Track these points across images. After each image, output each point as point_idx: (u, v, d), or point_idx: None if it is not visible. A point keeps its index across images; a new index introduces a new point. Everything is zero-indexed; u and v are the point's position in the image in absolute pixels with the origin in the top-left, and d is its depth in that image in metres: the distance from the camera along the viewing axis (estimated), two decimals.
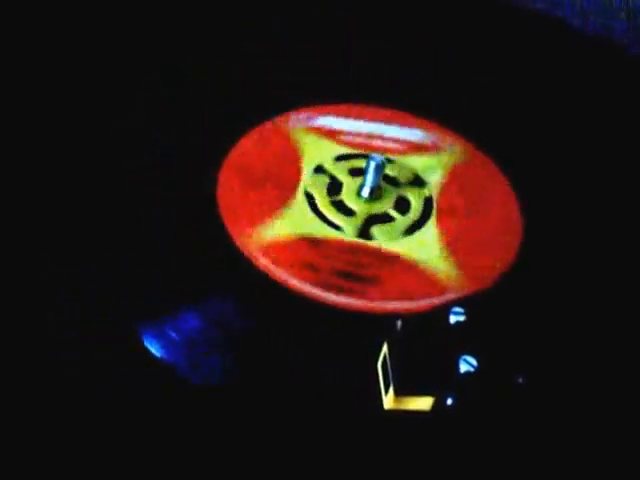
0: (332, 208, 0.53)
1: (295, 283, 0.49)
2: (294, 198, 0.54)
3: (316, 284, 0.49)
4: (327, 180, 0.55)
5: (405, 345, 0.42)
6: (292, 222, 0.52)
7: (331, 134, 0.58)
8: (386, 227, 0.53)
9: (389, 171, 0.56)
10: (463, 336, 0.43)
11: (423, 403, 0.42)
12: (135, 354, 0.45)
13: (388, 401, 0.43)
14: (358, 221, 0.53)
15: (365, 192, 0.54)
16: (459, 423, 0.43)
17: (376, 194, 0.54)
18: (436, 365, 0.42)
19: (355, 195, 0.54)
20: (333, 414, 0.43)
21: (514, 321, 0.45)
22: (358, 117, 0.59)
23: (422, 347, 0.43)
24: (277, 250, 0.50)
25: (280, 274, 0.49)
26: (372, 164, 0.54)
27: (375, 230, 0.53)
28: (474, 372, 0.42)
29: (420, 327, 0.43)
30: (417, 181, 0.56)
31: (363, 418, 0.43)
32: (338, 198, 0.54)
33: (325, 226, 0.52)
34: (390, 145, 0.58)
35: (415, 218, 0.54)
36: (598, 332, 0.49)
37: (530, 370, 0.43)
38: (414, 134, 0.59)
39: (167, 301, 0.47)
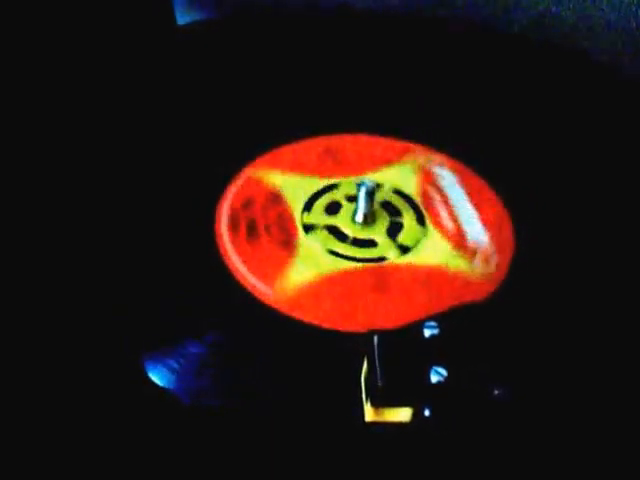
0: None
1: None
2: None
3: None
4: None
5: (380, 359, 0.44)
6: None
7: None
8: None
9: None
10: (437, 349, 0.44)
11: (402, 415, 0.43)
12: (138, 383, 0.46)
13: (368, 413, 0.44)
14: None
15: (359, 218, 0.55)
16: (436, 434, 0.44)
17: (370, 218, 0.55)
18: (410, 377, 0.43)
19: (352, 224, 0.55)
20: (318, 428, 0.45)
21: (490, 335, 0.45)
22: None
23: (397, 360, 0.44)
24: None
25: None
26: (363, 190, 0.55)
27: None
28: (445, 382, 0.43)
29: (395, 341, 0.44)
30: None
31: (345, 431, 0.45)
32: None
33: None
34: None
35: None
36: (576, 343, 0.50)
37: (507, 382, 0.43)
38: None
39: (172, 331, 0.49)
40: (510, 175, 0.60)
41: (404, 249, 0.55)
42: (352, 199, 0.57)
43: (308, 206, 0.57)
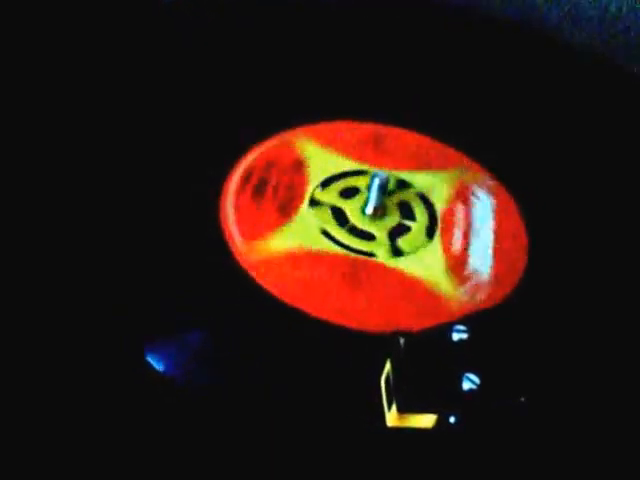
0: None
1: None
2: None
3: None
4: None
5: (408, 362, 0.43)
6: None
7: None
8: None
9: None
10: (466, 354, 0.43)
11: (426, 421, 0.43)
12: (137, 368, 0.45)
13: (391, 418, 0.43)
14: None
15: (369, 210, 0.54)
16: (461, 441, 0.43)
17: (380, 212, 0.55)
18: (438, 383, 0.43)
19: (360, 213, 0.55)
20: (336, 431, 0.44)
21: (518, 339, 0.45)
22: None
23: (425, 364, 0.43)
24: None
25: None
26: (376, 181, 0.54)
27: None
28: (476, 390, 0.42)
29: (423, 344, 0.44)
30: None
31: (366, 435, 0.44)
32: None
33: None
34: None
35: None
36: (603, 350, 0.49)
37: (533, 389, 0.43)
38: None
39: (170, 316, 0.48)
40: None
41: (398, 252, 0.54)
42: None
43: (325, 183, 0.56)
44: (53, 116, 0.57)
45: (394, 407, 0.43)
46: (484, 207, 0.58)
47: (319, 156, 0.58)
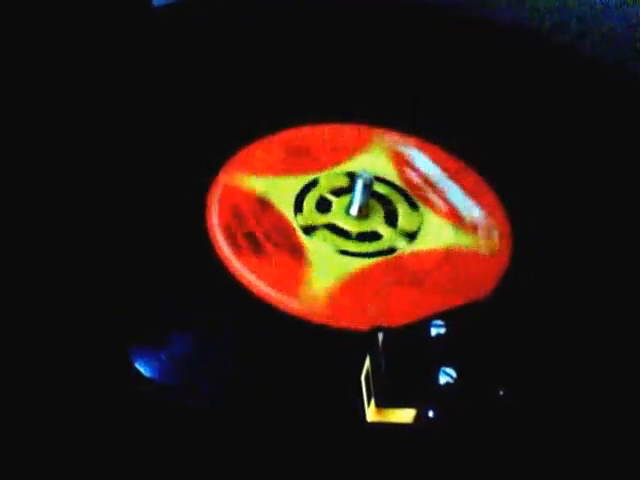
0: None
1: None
2: None
3: None
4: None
5: (386, 357, 0.43)
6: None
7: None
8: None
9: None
10: (444, 348, 0.43)
11: (405, 415, 0.42)
12: (125, 375, 0.46)
13: (370, 414, 0.43)
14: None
15: (354, 211, 0.54)
16: (440, 436, 0.43)
17: (364, 212, 0.54)
18: (416, 377, 0.42)
19: (344, 214, 0.54)
20: (316, 427, 0.45)
21: (496, 333, 0.44)
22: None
23: (403, 360, 0.43)
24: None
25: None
26: (360, 182, 0.53)
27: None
28: (453, 384, 0.42)
29: (401, 339, 0.43)
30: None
31: (346, 431, 0.44)
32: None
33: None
34: None
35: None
36: (582, 344, 0.49)
37: (511, 383, 0.42)
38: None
39: (159, 323, 0.48)
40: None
41: (410, 236, 0.54)
42: (338, 192, 0.56)
43: (298, 207, 0.55)
44: (44, 115, 0.58)
45: (373, 402, 0.43)
46: (426, 162, 0.58)
47: (270, 186, 0.56)
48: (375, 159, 0.58)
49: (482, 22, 0.73)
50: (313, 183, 0.57)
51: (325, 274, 0.51)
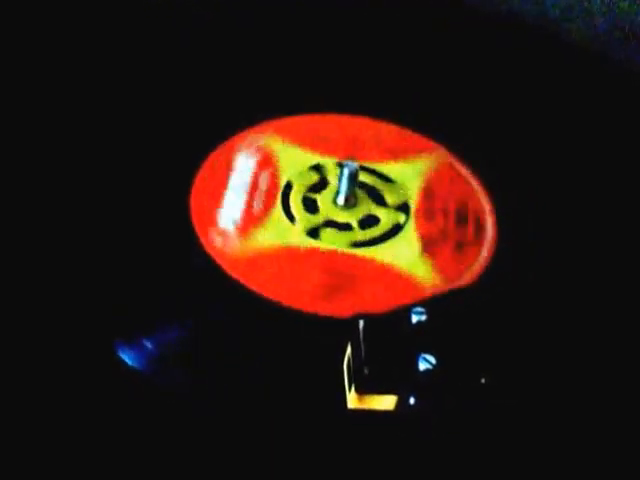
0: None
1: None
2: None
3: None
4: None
5: (366, 345, 0.43)
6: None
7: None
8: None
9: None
10: (424, 335, 0.43)
11: (386, 402, 0.42)
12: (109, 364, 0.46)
13: (351, 400, 0.43)
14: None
15: (340, 200, 0.54)
16: (421, 423, 0.43)
17: (351, 202, 0.54)
18: (397, 364, 0.43)
19: (333, 207, 0.54)
20: (298, 415, 0.45)
21: (478, 321, 0.44)
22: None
23: (384, 346, 0.43)
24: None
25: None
26: (345, 171, 0.53)
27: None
28: (433, 371, 0.42)
29: (382, 327, 0.44)
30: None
31: (327, 418, 0.44)
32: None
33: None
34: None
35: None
36: (565, 333, 0.49)
37: (494, 371, 0.43)
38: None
39: (144, 312, 0.49)
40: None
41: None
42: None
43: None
44: (39, 113, 0.59)
45: (353, 389, 0.43)
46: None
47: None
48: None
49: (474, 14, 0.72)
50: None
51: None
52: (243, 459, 0.43)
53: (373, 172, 0.56)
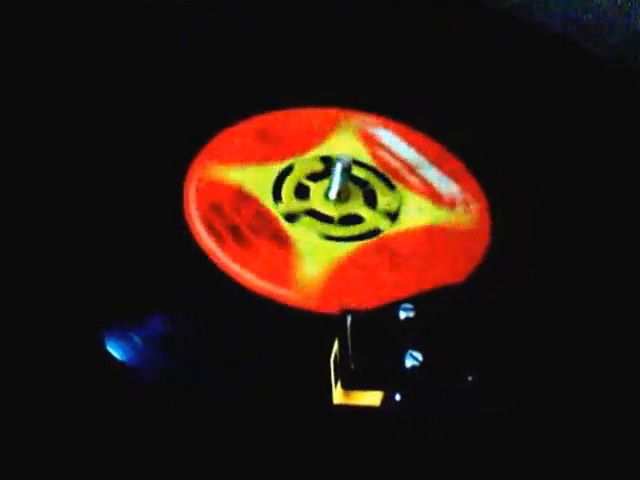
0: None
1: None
2: None
3: None
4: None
5: (353, 340, 0.43)
6: None
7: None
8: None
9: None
10: (412, 332, 0.43)
11: (372, 398, 0.42)
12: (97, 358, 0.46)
13: (336, 396, 0.43)
14: None
15: (333, 195, 0.53)
16: (407, 419, 0.43)
17: (344, 196, 0.53)
18: (383, 360, 0.42)
19: (323, 198, 0.54)
20: (283, 411, 0.45)
21: (466, 318, 0.44)
22: None
23: (371, 342, 0.43)
24: None
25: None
26: (339, 165, 0.53)
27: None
28: (420, 367, 0.42)
29: (370, 322, 0.43)
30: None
31: (312, 413, 0.44)
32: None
33: None
34: None
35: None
36: (554, 331, 0.49)
37: (481, 369, 0.42)
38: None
39: (132, 305, 0.49)
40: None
41: (391, 216, 0.54)
42: (315, 177, 0.55)
43: (277, 195, 0.55)
44: (39, 113, 0.58)
45: (339, 385, 0.42)
46: (395, 141, 0.58)
47: (245, 176, 0.56)
48: (347, 141, 0.58)
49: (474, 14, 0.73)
50: (288, 170, 0.56)
51: (313, 261, 0.51)
52: (228, 454, 0.43)
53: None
